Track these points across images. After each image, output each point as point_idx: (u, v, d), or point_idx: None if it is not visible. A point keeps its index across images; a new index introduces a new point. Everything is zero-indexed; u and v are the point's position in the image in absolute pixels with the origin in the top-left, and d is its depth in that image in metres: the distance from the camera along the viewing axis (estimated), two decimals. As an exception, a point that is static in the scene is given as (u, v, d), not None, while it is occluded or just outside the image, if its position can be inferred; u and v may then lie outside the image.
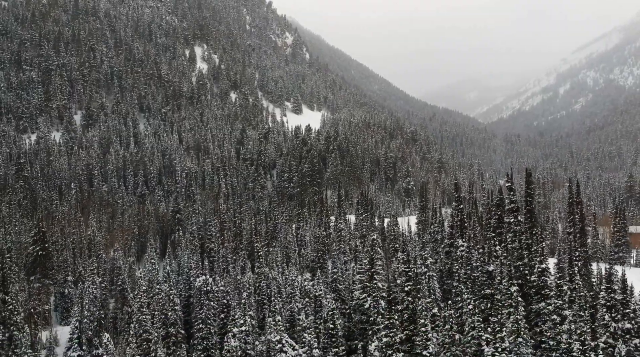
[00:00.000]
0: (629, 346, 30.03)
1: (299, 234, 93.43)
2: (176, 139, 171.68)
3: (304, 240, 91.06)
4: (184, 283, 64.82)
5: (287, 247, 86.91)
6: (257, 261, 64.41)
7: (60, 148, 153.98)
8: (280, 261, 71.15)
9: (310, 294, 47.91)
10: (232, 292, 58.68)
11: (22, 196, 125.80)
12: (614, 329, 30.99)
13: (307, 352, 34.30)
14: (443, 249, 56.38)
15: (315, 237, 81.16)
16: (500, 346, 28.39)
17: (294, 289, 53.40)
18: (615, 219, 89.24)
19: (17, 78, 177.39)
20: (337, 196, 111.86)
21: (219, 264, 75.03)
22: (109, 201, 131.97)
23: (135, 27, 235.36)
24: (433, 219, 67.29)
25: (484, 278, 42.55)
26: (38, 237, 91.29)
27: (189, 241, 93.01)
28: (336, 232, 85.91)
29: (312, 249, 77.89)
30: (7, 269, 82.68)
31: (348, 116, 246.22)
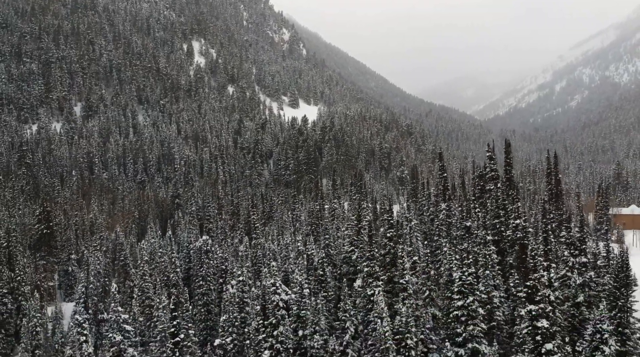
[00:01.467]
0: (584, 277, 33.29)
1: (294, 215, 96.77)
2: (174, 129, 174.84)
3: (299, 219, 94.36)
4: (184, 252, 68.05)
5: (283, 226, 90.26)
6: (253, 233, 67.69)
7: (61, 138, 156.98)
8: (277, 234, 74.46)
9: (302, 254, 51.19)
10: (230, 258, 61.91)
11: (24, 182, 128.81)
12: (572, 263, 34.28)
13: (299, 292, 37.58)
14: (428, 217, 59.75)
15: (309, 212, 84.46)
16: (467, 270, 31.74)
17: (288, 252, 56.68)
18: (598, 198, 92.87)
19: (17, 70, 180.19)
20: (332, 180, 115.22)
21: (217, 236, 78.29)
22: (110, 187, 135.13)
23: (133, 21, 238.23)
24: (421, 192, 70.75)
25: (463, 232, 45.86)
26: (42, 217, 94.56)
27: (188, 221, 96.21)
28: (330, 211, 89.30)
29: (306, 223, 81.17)
30: (13, 247, 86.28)
31: (344, 109, 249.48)
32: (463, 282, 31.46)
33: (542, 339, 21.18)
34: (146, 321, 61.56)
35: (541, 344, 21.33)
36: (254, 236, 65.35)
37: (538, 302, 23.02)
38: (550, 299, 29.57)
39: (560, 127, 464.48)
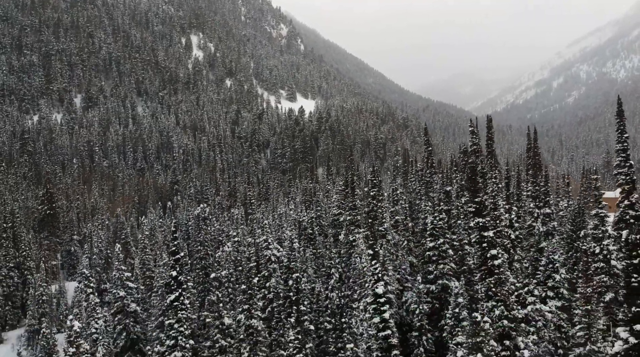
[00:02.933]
0: (547, 226, 36.29)
1: (289, 198, 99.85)
2: (173, 120, 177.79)
3: (294, 200, 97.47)
4: (184, 226, 71.12)
5: (278, 207, 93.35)
6: (249, 209, 70.71)
7: (61, 127, 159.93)
8: (271, 210, 77.56)
9: (295, 221, 54.15)
10: (225, 230, 64.94)
11: (27, 168, 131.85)
12: (537, 214, 37.29)
13: (289, 245, 40.66)
14: (413, 187, 62.80)
15: (304, 190, 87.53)
16: (438, 215, 34.88)
17: (282, 221, 59.78)
18: (583, 179, 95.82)
19: (18, 62, 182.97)
20: (327, 167, 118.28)
21: (215, 211, 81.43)
22: (110, 174, 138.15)
23: (132, 15, 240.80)
24: (410, 170, 73.83)
25: (443, 197, 49.04)
26: (46, 198, 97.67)
27: (187, 203, 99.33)
28: (324, 192, 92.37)
29: (300, 200, 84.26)
30: (18, 227, 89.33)
31: (341, 102, 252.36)
32: (434, 225, 34.60)
33: (487, 246, 24.24)
34: (147, 290, 64.64)
35: (487, 250, 24.39)
36: (249, 211, 68.41)
37: (485, 216, 26.16)
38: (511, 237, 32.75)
39: (557, 122, 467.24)
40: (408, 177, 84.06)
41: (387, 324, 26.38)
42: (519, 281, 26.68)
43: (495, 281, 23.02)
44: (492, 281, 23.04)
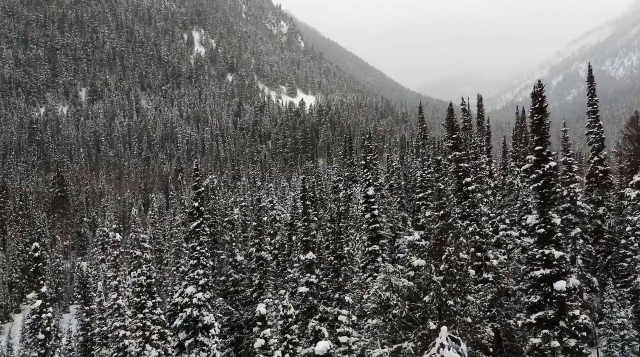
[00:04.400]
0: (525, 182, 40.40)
1: (291, 183, 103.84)
2: (177, 111, 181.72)
3: (295, 187, 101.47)
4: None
5: (279, 190, 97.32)
6: (253, 187, 74.53)
7: (68, 119, 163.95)
8: (273, 188, 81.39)
9: (298, 190, 58.14)
10: (231, 205, 68.79)
11: (35, 157, 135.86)
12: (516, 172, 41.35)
13: (292, 205, 44.53)
14: (410, 164, 66.70)
15: (305, 170, 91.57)
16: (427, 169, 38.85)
17: (285, 195, 63.68)
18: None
19: (24, 55, 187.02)
20: (327, 156, 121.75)
21: (221, 185, 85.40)
22: (116, 163, 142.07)
23: (135, 11, 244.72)
24: (406, 150, 77.75)
25: (435, 165, 52.81)
26: (57, 181, 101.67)
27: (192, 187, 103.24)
28: (324, 176, 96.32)
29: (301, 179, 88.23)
30: (31, 207, 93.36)
31: (341, 97, 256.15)
32: (423, 178, 38.47)
33: (463, 175, 28.02)
34: (157, 263, 68.54)
35: (462, 178, 28.18)
36: (254, 189, 72.17)
37: (461, 150, 29.99)
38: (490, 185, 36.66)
39: (555, 120, 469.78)
40: (404, 156, 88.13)
41: (376, 218, 30.33)
42: (493, 212, 30.55)
43: (470, 204, 26.79)
44: (466, 204, 26.83)
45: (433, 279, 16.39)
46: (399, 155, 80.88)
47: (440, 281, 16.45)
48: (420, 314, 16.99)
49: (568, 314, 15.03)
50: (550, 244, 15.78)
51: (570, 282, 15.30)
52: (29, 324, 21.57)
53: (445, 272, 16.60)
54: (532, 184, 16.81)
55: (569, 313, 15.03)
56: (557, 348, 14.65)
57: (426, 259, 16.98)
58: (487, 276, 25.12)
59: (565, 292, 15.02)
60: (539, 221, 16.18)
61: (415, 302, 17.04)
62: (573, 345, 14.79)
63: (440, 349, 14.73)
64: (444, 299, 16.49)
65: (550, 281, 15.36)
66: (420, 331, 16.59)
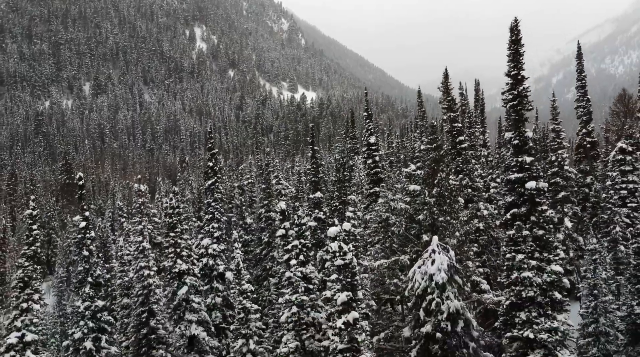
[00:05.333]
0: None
1: (293, 170, 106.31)
2: (179, 105, 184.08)
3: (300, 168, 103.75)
4: (196, 190, 77.47)
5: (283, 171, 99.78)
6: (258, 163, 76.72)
7: (72, 112, 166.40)
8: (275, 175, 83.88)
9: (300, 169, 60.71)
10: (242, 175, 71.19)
11: (42, 148, 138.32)
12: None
13: (296, 179, 46.88)
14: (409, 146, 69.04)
15: (307, 157, 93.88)
16: (426, 139, 41.32)
17: (288, 175, 66.01)
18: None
19: (29, 50, 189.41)
20: (328, 150, 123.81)
21: (226, 172, 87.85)
22: (121, 154, 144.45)
23: (137, 7, 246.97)
24: (406, 133, 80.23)
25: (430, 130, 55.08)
26: (65, 168, 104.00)
27: (196, 176, 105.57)
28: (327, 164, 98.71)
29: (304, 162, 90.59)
30: (40, 194, 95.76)
31: (341, 93, 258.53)
32: (420, 149, 40.94)
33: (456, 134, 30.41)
34: (164, 245, 70.94)
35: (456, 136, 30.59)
36: (259, 166, 74.50)
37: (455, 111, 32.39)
38: (483, 153, 39.08)
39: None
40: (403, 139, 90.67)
41: (377, 163, 32.68)
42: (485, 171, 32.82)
43: (463, 160, 29.06)
44: (459, 160, 29.11)
45: (427, 200, 18.72)
46: (399, 137, 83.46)
47: (433, 202, 18.78)
48: (416, 232, 19.31)
49: (537, 209, 17.40)
50: (524, 153, 18.13)
51: (540, 183, 17.61)
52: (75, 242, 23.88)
53: (438, 194, 18.93)
54: (508, 104, 19.15)
55: (538, 208, 17.40)
56: (528, 236, 17.02)
57: (421, 186, 19.29)
58: (478, 225, 27.48)
59: (535, 191, 17.38)
60: (514, 135, 18.54)
61: (411, 223, 19.39)
62: (541, 234, 17.16)
63: (432, 254, 17.17)
64: (436, 217, 18.83)
65: (522, 183, 17.70)
66: (415, 246, 18.93)
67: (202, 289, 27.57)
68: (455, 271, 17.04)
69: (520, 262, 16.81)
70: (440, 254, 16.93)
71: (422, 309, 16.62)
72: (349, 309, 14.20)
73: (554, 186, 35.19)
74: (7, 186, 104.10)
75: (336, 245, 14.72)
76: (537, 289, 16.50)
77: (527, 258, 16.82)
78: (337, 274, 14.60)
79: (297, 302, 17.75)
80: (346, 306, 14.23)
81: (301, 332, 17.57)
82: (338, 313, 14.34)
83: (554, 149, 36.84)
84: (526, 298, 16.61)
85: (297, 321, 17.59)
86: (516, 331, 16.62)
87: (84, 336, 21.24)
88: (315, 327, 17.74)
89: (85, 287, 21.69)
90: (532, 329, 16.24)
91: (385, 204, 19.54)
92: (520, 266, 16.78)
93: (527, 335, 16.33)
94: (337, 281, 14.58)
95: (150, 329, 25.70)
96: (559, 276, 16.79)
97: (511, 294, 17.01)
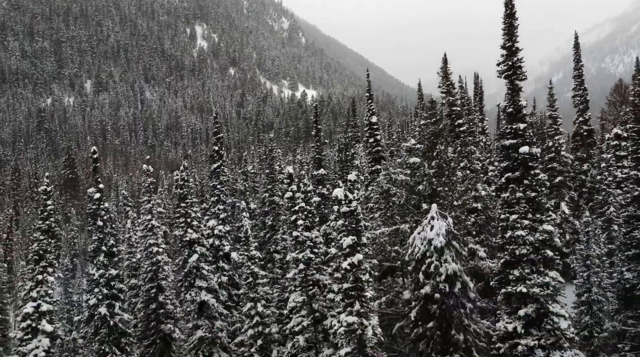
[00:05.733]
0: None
1: (295, 160, 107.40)
2: (180, 102, 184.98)
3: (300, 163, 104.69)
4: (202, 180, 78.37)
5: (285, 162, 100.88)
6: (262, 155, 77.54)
7: (74, 109, 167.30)
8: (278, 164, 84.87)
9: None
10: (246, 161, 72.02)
11: (44, 144, 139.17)
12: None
13: (298, 167, 47.76)
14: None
15: (307, 149, 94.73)
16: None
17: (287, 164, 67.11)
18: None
19: (31, 48, 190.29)
20: (329, 141, 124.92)
21: (228, 165, 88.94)
22: (122, 150, 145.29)
23: (138, 5, 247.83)
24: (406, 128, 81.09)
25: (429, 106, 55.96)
26: (68, 163, 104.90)
27: (198, 169, 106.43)
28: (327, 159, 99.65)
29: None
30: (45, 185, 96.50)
31: (342, 91, 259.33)
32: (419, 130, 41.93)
33: (455, 117, 31.33)
34: (170, 231, 71.80)
35: (455, 119, 31.53)
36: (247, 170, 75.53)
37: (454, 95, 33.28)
38: (483, 140, 39.93)
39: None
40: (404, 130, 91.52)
41: (378, 142, 33.75)
42: (483, 156, 33.67)
43: (461, 143, 29.94)
44: (458, 142, 29.98)
45: (426, 172, 19.58)
46: (399, 127, 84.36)
47: (432, 173, 19.63)
48: (415, 202, 20.18)
49: (530, 173, 18.24)
50: (518, 121, 18.99)
51: (533, 149, 18.49)
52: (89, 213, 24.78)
53: (437, 166, 19.78)
54: (503, 74, 19.99)
55: (531, 172, 18.24)
56: (521, 198, 17.88)
57: (420, 158, 20.16)
58: (476, 205, 28.32)
59: (528, 155, 18.25)
60: (508, 104, 19.40)
61: (411, 194, 20.25)
62: (533, 196, 18.02)
63: (431, 220, 18.04)
64: (435, 187, 19.70)
65: (516, 148, 18.57)
66: (415, 216, 19.80)
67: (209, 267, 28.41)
68: (453, 236, 17.91)
69: (514, 221, 17.72)
70: (439, 220, 17.80)
71: (422, 272, 17.50)
72: (353, 252, 15.11)
73: (551, 171, 36.03)
74: (10, 180, 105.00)
75: (342, 193, 15.63)
76: (529, 247, 17.44)
77: (521, 218, 17.72)
78: (343, 220, 15.54)
79: (304, 259, 18.65)
80: (351, 249, 15.16)
81: (307, 288, 18.44)
82: (344, 256, 15.27)
83: (551, 136, 37.69)
84: (519, 256, 17.52)
85: (304, 277, 18.47)
86: (510, 287, 17.52)
87: (98, 302, 22.16)
88: (319, 288, 18.62)
89: (100, 256, 22.63)
90: (525, 285, 17.14)
91: (387, 176, 20.39)
92: (514, 226, 17.70)
93: (520, 290, 17.23)
94: (343, 226, 15.50)
95: (159, 304, 26.57)
96: (551, 235, 17.68)
97: (505, 253, 17.92)
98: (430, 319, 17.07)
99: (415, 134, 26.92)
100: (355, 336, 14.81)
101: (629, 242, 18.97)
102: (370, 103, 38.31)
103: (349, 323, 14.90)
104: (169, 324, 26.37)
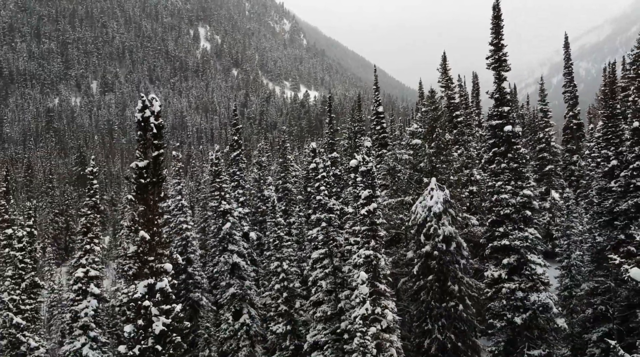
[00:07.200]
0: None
1: (302, 151, 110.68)
2: (185, 102, 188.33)
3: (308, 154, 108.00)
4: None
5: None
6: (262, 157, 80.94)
7: (81, 109, 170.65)
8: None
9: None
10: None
11: (53, 143, 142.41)
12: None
13: (307, 161, 50.92)
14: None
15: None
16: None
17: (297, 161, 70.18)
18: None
19: (38, 49, 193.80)
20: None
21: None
22: (130, 149, 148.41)
23: (142, 7, 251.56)
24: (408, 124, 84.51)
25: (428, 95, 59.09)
26: (79, 160, 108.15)
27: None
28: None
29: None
30: (55, 185, 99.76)
31: (343, 91, 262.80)
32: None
33: (453, 109, 34.48)
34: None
35: (453, 111, 34.73)
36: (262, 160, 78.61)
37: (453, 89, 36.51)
38: (479, 133, 43.09)
39: (555, 117, 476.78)
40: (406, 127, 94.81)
41: (384, 129, 37.07)
42: (478, 145, 36.81)
43: (458, 132, 33.10)
44: (456, 133, 33.14)
45: (427, 151, 22.77)
46: (401, 122, 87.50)
47: (431, 152, 22.81)
48: (417, 178, 23.35)
49: (513, 148, 21.44)
50: (503, 105, 22.18)
51: (516, 128, 21.66)
52: None
53: (436, 146, 22.97)
54: (490, 66, 23.14)
55: (514, 147, 21.44)
56: (505, 168, 21.12)
57: (422, 140, 23.33)
58: (472, 188, 31.52)
59: (511, 133, 21.46)
60: (495, 90, 22.58)
61: (414, 171, 23.45)
62: (515, 166, 21.20)
63: (430, 191, 21.24)
64: (434, 165, 22.87)
65: (501, 127, 21.76)
66: (417, 189, 22.96)
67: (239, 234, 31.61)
68: (449, 204, 21.11)
69: (499, 187, 20.92)
70: (438, 191, 21.00)
71: (423, 234, 20.68)
72: (369, 202, 18.25)
73: (542, 161, 39.21)
74: (23, 177, 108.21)
75: (360, 157, 18.86)
76: (512, 208, 20.62)
77: (505, 184, 20.90)
78: (361, 178, 18.69)
79: (326, 219, 21.81)
80: (368, 200, 18.30)
81: (328, 243, 21.59)
82: (362, 205, 18.42)
83: (542, 128, 40.87)
84: (504, 215, 20.70)
85: (326, 233, 21.61)
86: (496, 242, 20.70)
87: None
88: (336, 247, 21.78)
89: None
90: (508, 239, 20.33)
91: (392, 155, 23.48)
92: (499, 190, 20.89)
93: (504, 243, 20.41)
94: (361, 182, 18.66)
95: (188, 275, 29.74)
96: (530, 199, 20.83)
97: (492, 213, 21.14)
98: (430, 273, 20.24)
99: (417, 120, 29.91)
100: (371, 266, 18.13)
101: (601, 211, 22.04)
102: (377, 94, 41.73)
103: (366, 255, 18.24)
104: (197, 292, 29.53)
